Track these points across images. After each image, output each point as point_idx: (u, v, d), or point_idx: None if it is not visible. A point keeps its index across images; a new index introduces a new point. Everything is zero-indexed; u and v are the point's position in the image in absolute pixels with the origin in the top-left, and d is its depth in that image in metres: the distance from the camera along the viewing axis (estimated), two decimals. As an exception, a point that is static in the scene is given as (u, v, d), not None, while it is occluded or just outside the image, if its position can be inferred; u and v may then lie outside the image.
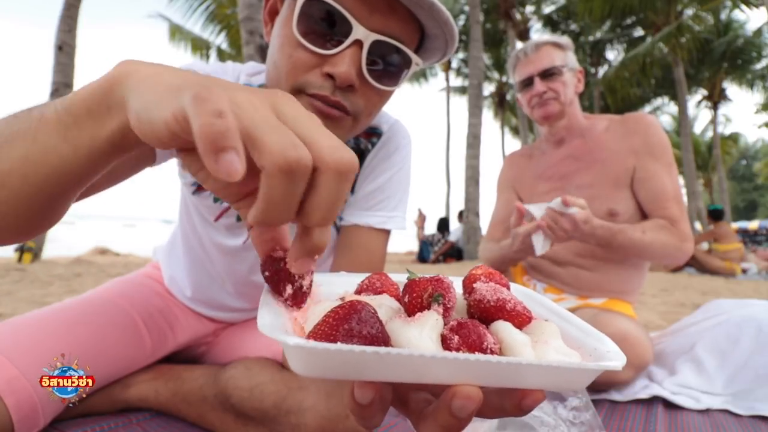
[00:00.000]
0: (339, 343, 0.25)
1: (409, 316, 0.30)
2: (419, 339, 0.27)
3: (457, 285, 0.38)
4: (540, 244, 1.06)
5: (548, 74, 1.30)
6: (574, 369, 0.26)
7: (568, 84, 1.31)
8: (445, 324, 0.30)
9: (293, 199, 0.27)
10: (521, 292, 0.41)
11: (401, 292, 0.33)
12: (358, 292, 0.36)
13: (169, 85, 0.29)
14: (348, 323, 0.26)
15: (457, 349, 0.27)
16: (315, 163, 0.27)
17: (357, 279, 0.39)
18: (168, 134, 0.28)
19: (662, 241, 1.15)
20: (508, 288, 0.37)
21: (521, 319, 0.31)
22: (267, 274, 0.34)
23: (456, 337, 0.28)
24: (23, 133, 0.38)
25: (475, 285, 0.34)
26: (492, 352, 0.27)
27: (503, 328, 0.30)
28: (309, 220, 0.28)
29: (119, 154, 0.38)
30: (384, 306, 0.32)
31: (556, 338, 0.31)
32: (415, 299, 0.31)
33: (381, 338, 0.26)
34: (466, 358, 0.24)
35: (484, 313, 0.32)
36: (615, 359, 0.28)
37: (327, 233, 0.31)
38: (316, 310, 0.31)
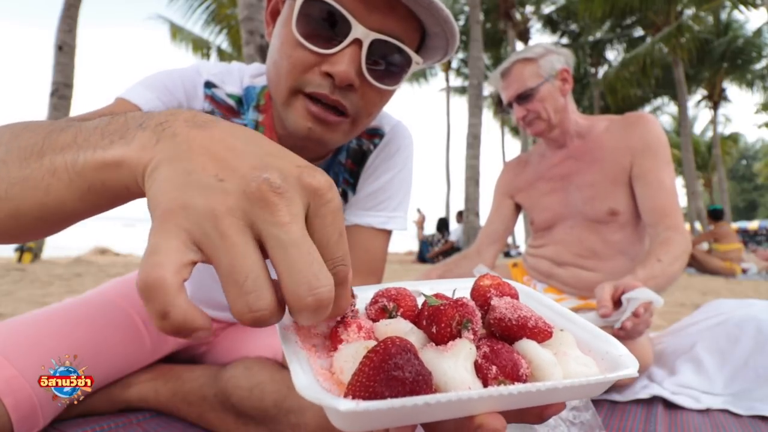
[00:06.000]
0: (386, 396, 0.24)
1: (438, 345, 0.30)
2: (455, 370, 0.28)
3: (462, 288, 0.39)
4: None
5: (523, 97, 1.30)
6: (599, 382, 0.28)
7: (548, 98, 1.29)
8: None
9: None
10: (522, 292, 0.42)
11: (424, 321, 0.32)
12: (374, 301, 0.36)
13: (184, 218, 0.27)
14: (386, 371, 0.25)
15: (495, 378, 0.28)
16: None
17: (365, 294, 0.38)
18: None
19: (680, 259, 1.12)
20: (517, 297, 0.37)
21: (543, 335, 0.32)
22: None
23: (494, 368, 0.28)
24: (35, 182, 0.36)
25: (492, 302, 0.34)
26: (526, 377, 0.29)
27: (529, 348, 0.31)
28: None
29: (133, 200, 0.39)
30: (405, 333, 0.32)
31: (573, 348, 0.32)
32: (444, 329, 0.31)
33: (422, 379, 0.26)
34: (510, 393, 0.26)
35: (506, 331, 0.32)
36: (629, 364, 0.30)
37: None
38: (344, 352, 0.30)
